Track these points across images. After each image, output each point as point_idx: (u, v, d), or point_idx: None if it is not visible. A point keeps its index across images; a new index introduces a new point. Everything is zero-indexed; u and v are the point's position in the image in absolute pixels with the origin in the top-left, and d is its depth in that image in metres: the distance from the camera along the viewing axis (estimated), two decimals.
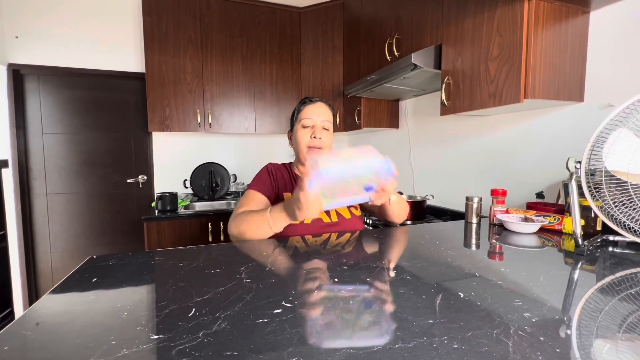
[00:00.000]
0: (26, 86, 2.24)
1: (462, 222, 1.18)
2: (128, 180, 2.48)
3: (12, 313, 2.19)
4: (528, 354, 0.37)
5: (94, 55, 2.31)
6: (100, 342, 0.40)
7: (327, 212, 1.04)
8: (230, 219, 0.97)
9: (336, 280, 0.60)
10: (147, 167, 2.52)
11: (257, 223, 0.91)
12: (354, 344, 0.39)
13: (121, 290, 0.57)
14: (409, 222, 1.61)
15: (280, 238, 0.93)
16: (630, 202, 0.75)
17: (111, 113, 2.42)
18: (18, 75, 2.21)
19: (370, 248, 0.84)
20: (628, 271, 0.66)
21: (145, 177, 2.51)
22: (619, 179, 0.74)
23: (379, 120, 2.14)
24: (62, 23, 2.24)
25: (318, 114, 1.04)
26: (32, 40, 2.20)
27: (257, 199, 1.02)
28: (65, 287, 0.57)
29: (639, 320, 0.46)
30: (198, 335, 0.41)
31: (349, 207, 1.08)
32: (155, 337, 0.41)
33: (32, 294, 2.33)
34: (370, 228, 1.39)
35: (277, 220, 0.88)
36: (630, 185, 0.73)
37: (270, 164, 1.13)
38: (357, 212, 1.10)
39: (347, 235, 0.95)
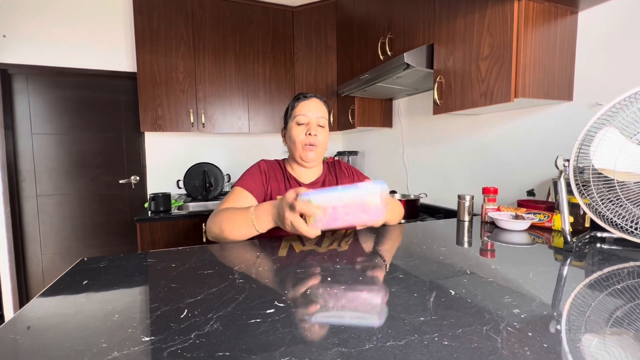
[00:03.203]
0: (14, 86, 2.20)
1: (455, 220, 1.19)
2: (120, 181, 2.45)
3: (2, 317, 2.16)
4: (516, 349, 0.38)
5: (84, 54, 2.28)
6: (91, 344, 0.39)
7: None
8: (210, 216, 0.91)
9: (329, 279, 0.60)
10: (139, 167, 2.50)
11: (239, 221, 0.85)
12: (346, 343, 0.39)
13: (112, 292, 0.56)
14: (402, 221, 1.62)
15: (273, 237, 0.92)
16: (617, 200, 0.76)
17: (102, 113, 2.39)
18: (6, 75, 2.17)
19: (364, 246, 0.84)
20: (615, 267, 0.68)
21: (138, 178, 2.49)
22: (607, 177, 0.76)
23: (372, 119, 2.15)
24: (51, 22, 2.21)
25: (313, 110, 1.01)
26: (20, 39, 2.16)
27: (243, 197, 0.96)
28: (55, 290, 0.57)
29: (626, 314, 0.47)
30: (190, 336, 0.41)
31: None
32: (147, 339, 0.41)
33: (23, 298, 2.29)
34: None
35: (262, 224, 0.83)
36: (617, 182, 0.74)
37: (262, 160, 1.08)
38: None
39: (341, 234, 0.95)
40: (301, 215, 0.77)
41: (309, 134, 1.00)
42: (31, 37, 2.18)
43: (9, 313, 2.19)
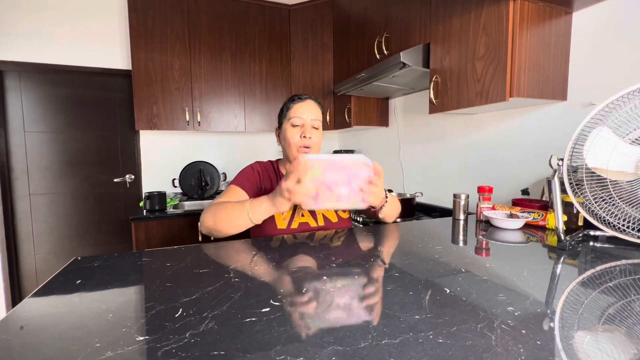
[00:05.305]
0: (6, 83, 2.17)
1: (450, 219, 1.19)
2: (115, 180, 2.43)
3: None
4: (510, 347, 0.38)
5: (78, 51, 2.25)
6: (84, 344, 0.39)
7: (314, 216, 1.02)
8: (205, 209, 0.94)
9: (324, 277, 0.60)
10: (134, 166, 2.48)
11: (235, 212, 0.87)
12: (341, 341, 0.39)
13: (106, 291, 0.56)
14: (398, 220, 1.62)
15: (268, 237, 0.92)
16: (610, 198, 0.77)
17: (97, 111, 2.36)
18: None
19: (359, 245, 0.85)
20: (608, 265, 0.69)
21: (133, 177, 2.47)
22: (600, 176, 0.77)
23: (368, 118, 2.15)
24: (45, 18, 2.18)
25: (308, 113, 1.02)
26: (12, 36, 2.13)
27: (238, 194, 0.99)
28: (47, 290, 0.56)
29: (618, 311, 0.48)
30: (185, 335, 0.41)
31: (336, 211, 1.06)
32: (141, 338, 0.40)
33: (16, 297, 2.27)
34: (360, 226, 1.39)
35: (257, 211, 0.85)
36: (610, 181, 0.75)
37: (256, 162, 1.11)
38: (345, 215, 1.09)
39: (336, 233, 0.95)
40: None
41: (304, 137, 1.00)
42: (24, 34, 2.15)
43: (1, 313, 2.17)
